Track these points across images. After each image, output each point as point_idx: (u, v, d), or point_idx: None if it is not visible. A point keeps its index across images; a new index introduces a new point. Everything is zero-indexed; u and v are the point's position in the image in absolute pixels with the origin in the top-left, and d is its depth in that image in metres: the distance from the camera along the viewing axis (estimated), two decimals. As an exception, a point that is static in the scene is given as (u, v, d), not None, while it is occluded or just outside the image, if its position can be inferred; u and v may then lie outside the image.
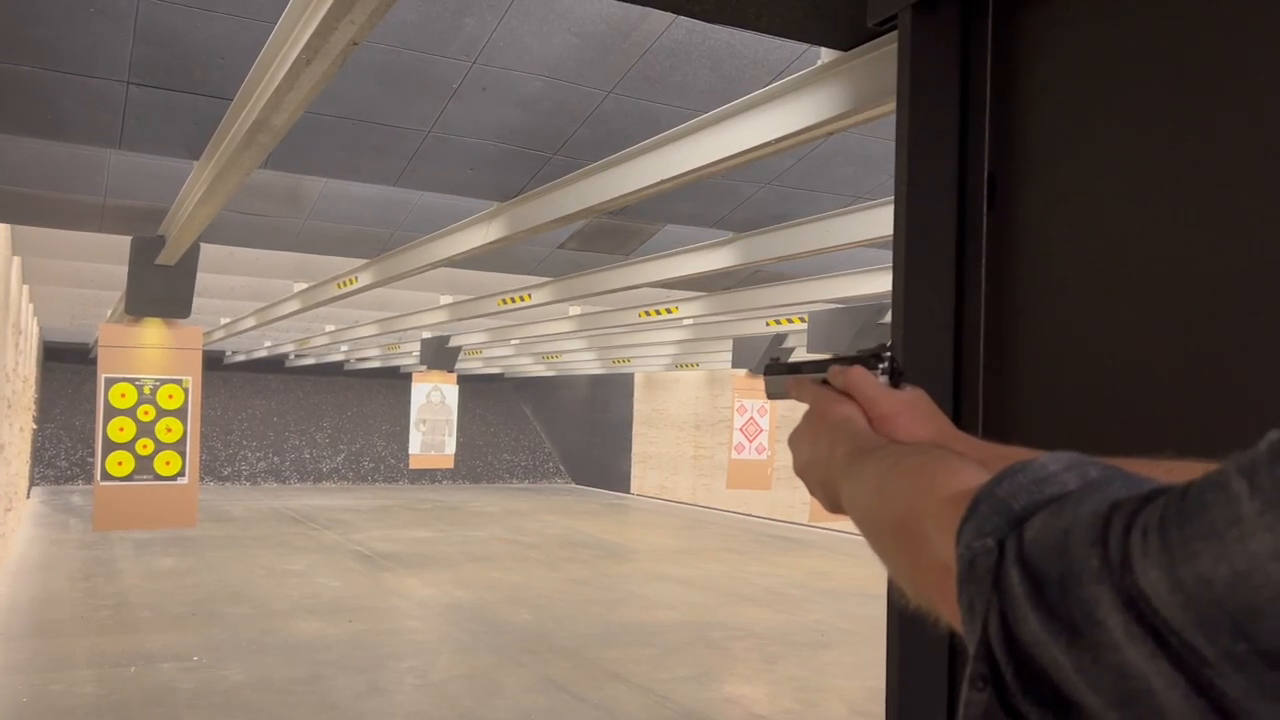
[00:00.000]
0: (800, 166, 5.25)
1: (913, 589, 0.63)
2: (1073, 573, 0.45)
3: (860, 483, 0.71)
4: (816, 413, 0.83)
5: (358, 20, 2.42)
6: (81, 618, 9.81)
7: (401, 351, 20.19)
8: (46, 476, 23.90)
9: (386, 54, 3.89)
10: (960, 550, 0.52)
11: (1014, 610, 0.47)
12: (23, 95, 4.12)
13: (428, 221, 6.75)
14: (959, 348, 1.43)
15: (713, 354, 18.08)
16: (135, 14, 3.53)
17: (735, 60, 3.93)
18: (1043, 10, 1.36)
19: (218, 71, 3.90)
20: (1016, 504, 0.51)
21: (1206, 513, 0.41)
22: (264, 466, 27.28)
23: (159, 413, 7.61)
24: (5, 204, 6.56)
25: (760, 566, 14.72)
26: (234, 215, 6.54)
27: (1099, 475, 0.51)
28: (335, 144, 4.77)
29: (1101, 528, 0.45)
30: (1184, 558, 0.40)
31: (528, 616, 10.52)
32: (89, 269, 10.21)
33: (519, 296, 9.69)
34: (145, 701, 7.14)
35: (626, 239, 7.27)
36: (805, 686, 8.21)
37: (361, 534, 17.09)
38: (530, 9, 3.66)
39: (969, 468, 0.61)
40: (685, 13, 2.10)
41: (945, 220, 1.44)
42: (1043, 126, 1.36)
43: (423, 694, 7.63)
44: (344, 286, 8.78)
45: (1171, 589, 0.41)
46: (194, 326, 8.21)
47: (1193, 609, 0.40)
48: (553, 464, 30.93)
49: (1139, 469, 0.53)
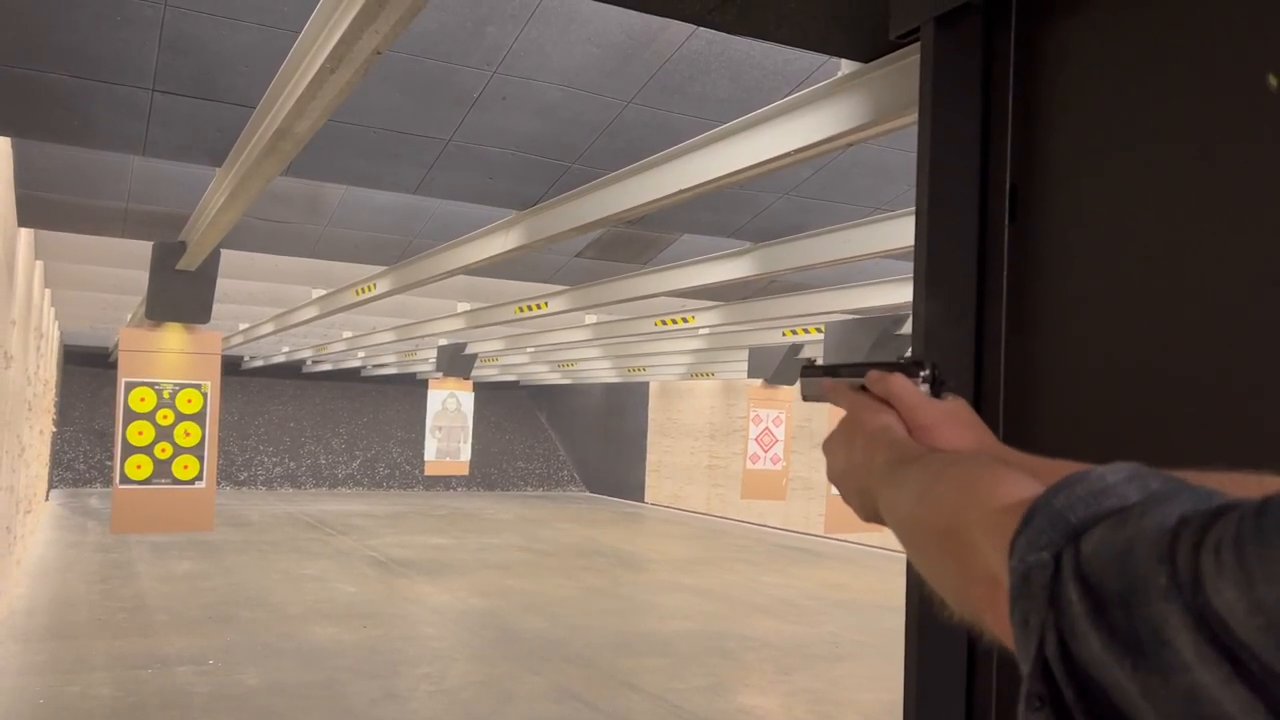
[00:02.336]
0: (819, 177, 5.25)
1: (957, 600, 0.60)
2: (1137, 590, 0.43)
3: (901, 490, 0.69)
4: (854, 419, 0.81)
5: (382, 30, 2.44)
6: (99, 620, 9.87)
7: (418, 358, 20.27)
8: (65, 479, 24.08)
9: (408, 63, 3.92)
10: (1014, 564, 0.50)
11: (1073, 628, 0.45)
12: (50, 102, 4.17)
13: (446, 229, 6.79)
14: (979, 360, 1.43)
15: (728, 363, 18.06)
16: (161, 23, 3.57)
17: (755, 71, 3.94)
18: (1066, 22, 1.36)
19: (242, 80, 3.94)
20: (1074, 516, 0.49)
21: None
22: (280, 471, 27.40)
23: (178, 417, 7.66)
24: (31, 208, 6.63)
25: (775, 577, 14.67)
26: (254, 221, 6.60)
27: (1161, 488, 0.49)
28: (356, 152, 4.81)
29: (1169, 543, 0.42)
30: (1265, 578, 0.38)
31: (542, 624, 10.52)
32: (110, 274, 10.30)
33: (536, 305, 9.71)
34: (161, 704, 7.17)
35: (644, 248, 7.28)
36: (819, 698, 8.17)
37: (377, 540, 17.13)
38: (551, 19, 3.68)
39: (1020, 477, 0.59)
40: (705, 24, 2.10)
41: (966, 232, 1.44)
42: (1065, 139, 1.35)
43: (437, 700, 7.64)
44: (362, 293, 8.82)
45: (1250, 610, 0.38)
46: (213, 332, 8.27)
47: (1275, 632, 0.38)
48: (567, 472, 30.94)
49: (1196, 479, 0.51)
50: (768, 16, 2.05)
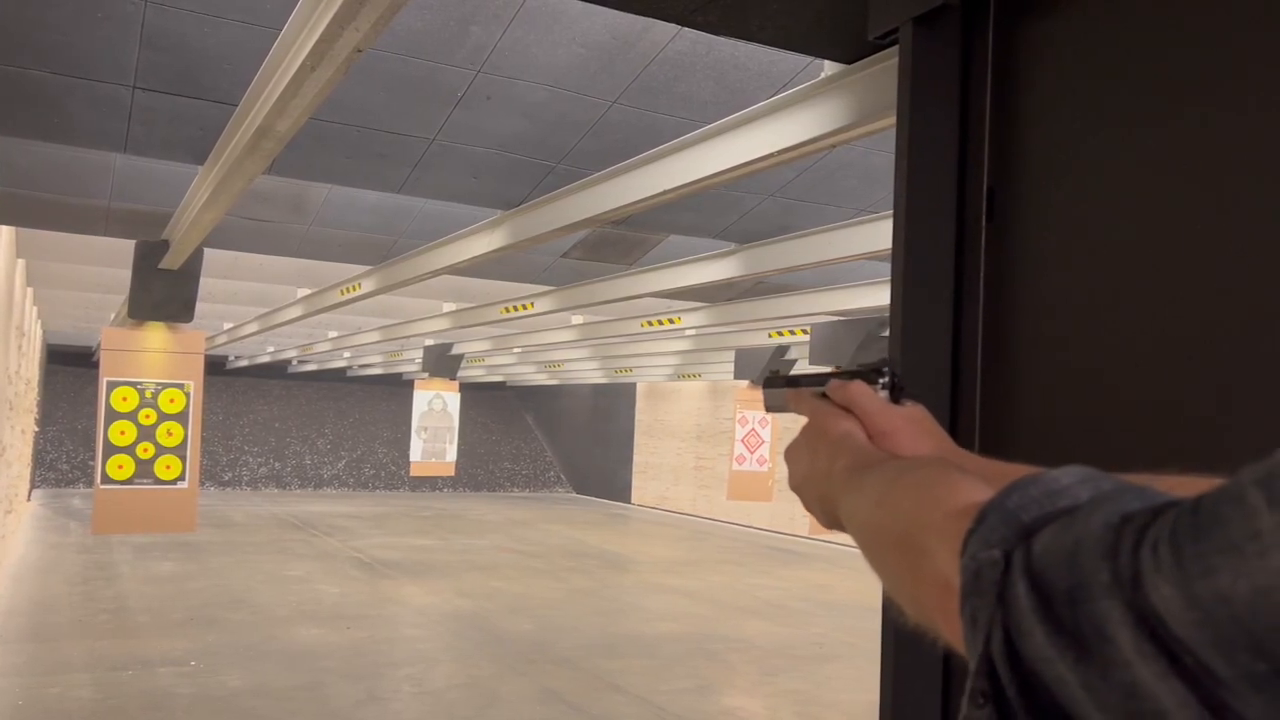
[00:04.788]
0: (804, 178, 5.26)
1: (912, 606, 0.60)
2: (1082, 586, 0.43)
3: (860, 496, 0.69)
4: (815, 427, 0.81)
5: (362, 28, 2.43)
6: (80, 621, 9.79)
7: (404, 359, 20.21)
8: (48, 479, 23.91)
9: (393, 62, 3.91)
10: (965, 561, 0.50)
11: (1019, 624, 0.45)
12: (30, 99, 4.14)
13: (431, 229, 6.77)
14: (957, 360, 1.43)
15: (715, 365, 18.08)
16: (142, 19, 3.54)
17: (739, 72, 3.94)
18: (1043, 25, 1.36)
19: (223, 77, 3.91)
20: (1026, 516, 0.49)
21: (1223, 527, 0.39)
22: (265, 472, 27.28)
23: (160, 417, 7.61)
24: (11, 206, 6.58)
25: (761, 579, 14.68)
26: (238, 220, 6.56)
27: (1112, 488, 0.49)
28: (340, 151, 4.78)
29: (1113, 540, 0.43)
30: (1199, 574, 0.39)
31: (528, 626, 10.50)
32: (93, 272, 10.23)
33: (522, 305, 9.70)
34: (143, 706, 7.12)
35: (630, 249, 7.28)
36: (805, 700, 8.17)
37: (362, 541, 17.06)
38: (536, 19, 3.67)
39: (974, 482, 0.59)
40: (689, 24, 2.10)
41: (944, 233, 1.43)
42: (1042, 140, 1.35)
43: (421, 702, 7.61)
44: (347, 293, 8.79)
45: (1186, 606, 0.39)
46: (197, 331, 8.22)
47: (1209, 627, 0.38)
48: (554, 473, 30.90)
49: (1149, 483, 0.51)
50: (750, 17, 2.05)
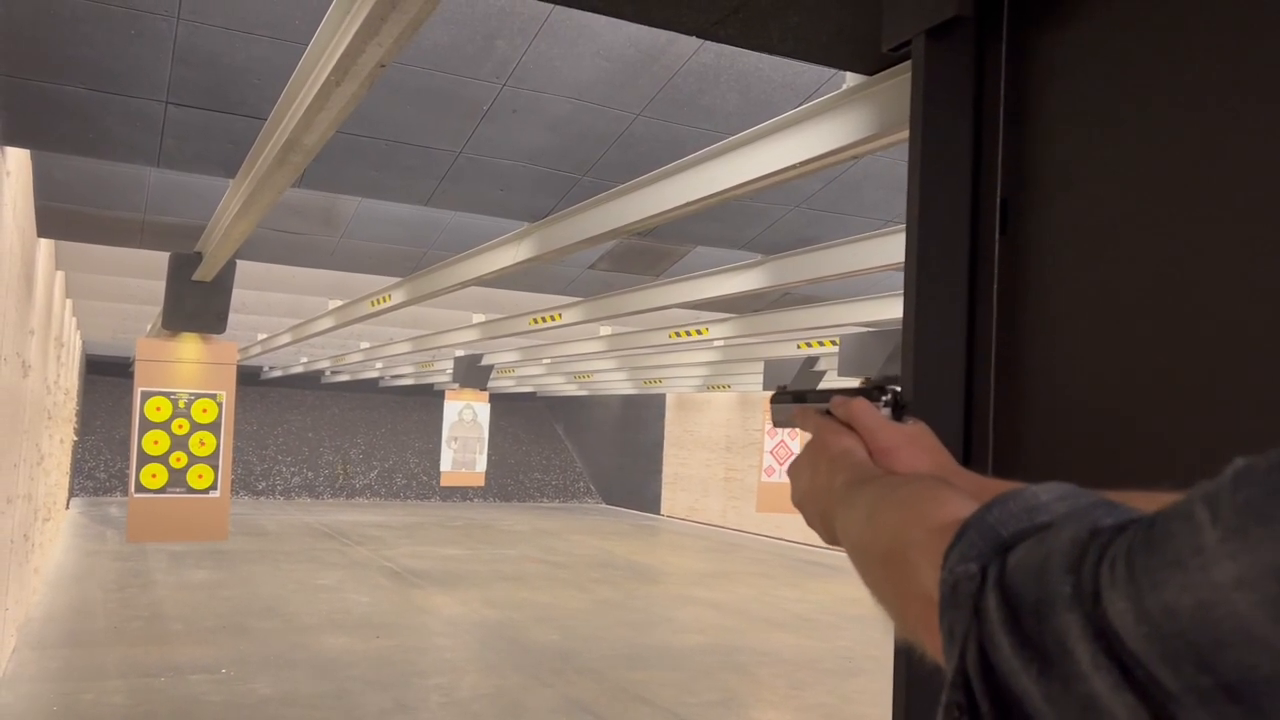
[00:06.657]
0: (830, 189, 5.24)
1: (899, 620, 0.61)
2: (1047, 600, 0.44)
3: (853, 512, 0.70)
4: (818, 443, 0.83)
5: (385, 43, 2.46)
6: (114, 628, 9.93)
7: (435, 369, 20.34)
8: (86, 488, 24.28)
9: (419, 76, 3.95)
10: (944, 575, 0.51)
11: (991, 637, 0.46)
12: (67, 114, 4.23)
13: (459, 241, 6.82)
14: (970, 373, 1.42)
15: (744, 376, 18.03)
16: (175, 36, 3.61)
17: (763, 84, 3.94)
18: (1057, 35, 1.35)
19: (253, 92, 3.98)
20: (1005, 530, 0.50)
21: (1171, 542, 0.40)
22: (298, 481, 27.53)
23: (193, 426, 7.72)
24: (50, 219, 6.71)
25: (791, 591, 14.59)
26: (270, 233, 6.65)
27: (1087, 504, 0.50)
28: (369, 164, 4.84)
29: (1078, 555, 0.44)
30: (1149, 588, 0.39)
31: (555, 637, 10.50)
32: (130, 284, 10.40)
33: (550, 316, 9.73)
34: (173, 713, 7.20)
35: (657, 260, 7.29)
36: (831, 714, 8.11)
37: (392, 550, 17.17)
38: (560, 33, 3.70)
39: (959, 498, 0.60)
40: (710, 37, 2.11)
41: (957, 245, 1.43)
42: (1056, 151, 1.35)
43: (447, 712, 7.63)
44: (377, 304, 8.87)
45: (1137, 620, 0.40)
46: (229, 342, 8.33)
47: (1157, 641, 0.39)
48: (583, 484, 30.93)
49: (1137, 501, 0.52)
50: (771, 30, 2.05)
